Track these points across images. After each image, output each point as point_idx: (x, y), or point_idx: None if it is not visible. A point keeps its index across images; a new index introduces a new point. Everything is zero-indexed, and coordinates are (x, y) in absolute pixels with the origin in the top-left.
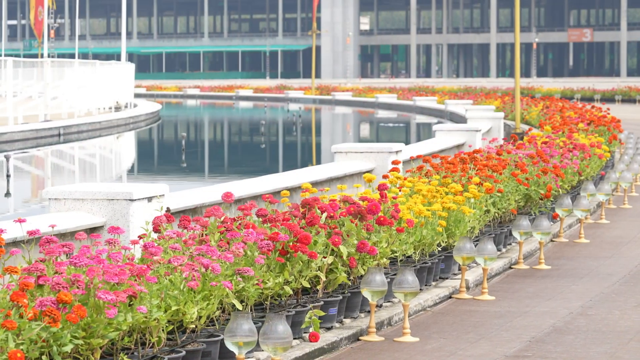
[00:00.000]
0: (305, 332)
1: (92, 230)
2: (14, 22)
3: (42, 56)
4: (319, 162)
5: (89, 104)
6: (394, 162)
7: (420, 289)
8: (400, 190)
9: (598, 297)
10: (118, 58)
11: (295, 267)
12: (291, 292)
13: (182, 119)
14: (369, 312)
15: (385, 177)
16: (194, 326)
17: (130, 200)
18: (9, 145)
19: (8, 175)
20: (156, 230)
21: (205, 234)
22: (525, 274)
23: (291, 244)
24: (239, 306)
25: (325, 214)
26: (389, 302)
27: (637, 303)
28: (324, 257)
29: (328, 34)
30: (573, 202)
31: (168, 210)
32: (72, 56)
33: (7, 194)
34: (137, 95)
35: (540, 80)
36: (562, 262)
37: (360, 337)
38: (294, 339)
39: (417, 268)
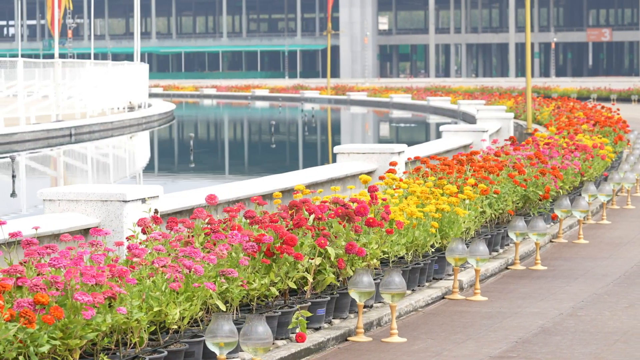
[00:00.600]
0: (292, 333)
1: (86, 232)
2: (33, 22)
3: (64, 56)
4: (330, 162)
5: (102, 104)
6: (391, 164)
7: (413, 290)
8: (395, 192)
9: (590, 298)
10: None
11: (281, 269)
12: (277, 294)
13: (195, 119)
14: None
15: (381, 178)
16: (176, 327)
17: (123, 201)
18: (20, 146)
19: (14, 176)
20: (145, 231)
21: (191, 236)
22: (521, 274)
23: (277, 245)
24: (222, 307)
25: (313, 216)
26: (379, 302)
27: (628, 304)
28: (311, 259)
29: (346, 34)
30: (573, 203)
31: (156, 211)
32: (91, 56)
33: (13, 194)
34: (154, 95)
35: (559, 80)
36: (558, 263)
37: (349, 338)
38: (281, 339)
39: (409, 269)
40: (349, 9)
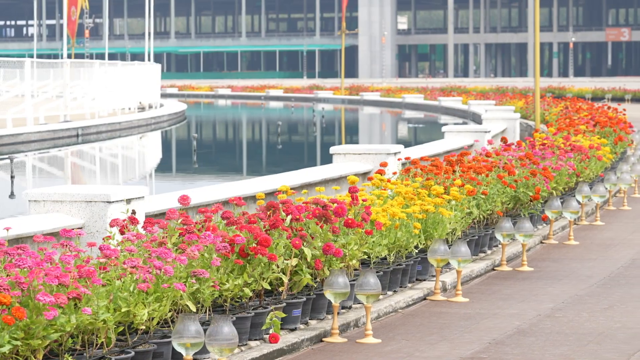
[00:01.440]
0: (266, 334)
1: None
2: (52, 22)
3: (82, 56)
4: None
5: (112, 105)
6: (381, 164)
7: (395, 291)
8: (381, 193)
9: (571, 299)
10: (155, 58)
11: (256, 269)
12: (251, 294)
13: (206, 120)
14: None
15: (370, 179)
16: (144, 327)
17: (107, 202)
18: (26, 146)
19: (12, 177)
20: (122, 232)
21: (164, 237)
22: (506, 275)
23: (252, 246)
24: (192, 308)
25: (290, 217)
26: (359, 303)
27: (607, 305)
28: (287, 260)
29: (365, 34)
30: (564, 204)
31: (134, 212)
32: (110, 56)
33: (12, 195)
34: (169, 95)
35: (577, 80)
36: (546, 264)
37: (324, 339)
38: (255, 340)
39: (390, 270)
40: (368, 8)
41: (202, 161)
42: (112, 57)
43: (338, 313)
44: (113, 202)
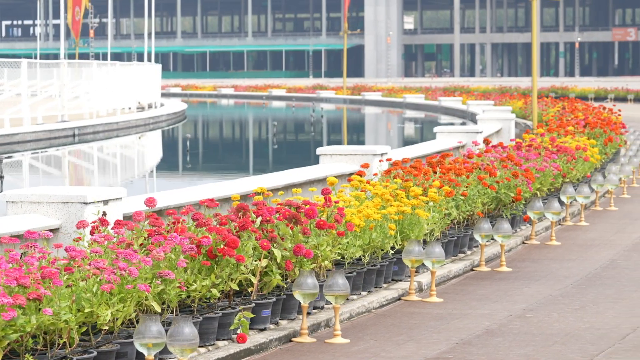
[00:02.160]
0: (235, 334)
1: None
2: (59, 21)
3: (87, 56)
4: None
5: (110, 105)
6: (362, 166)
7: (369, 291)
8: (359, 194)
9: (544, 300)
10: (161, 57)
11: (224, 270)
12: (218, 295)
13: (206, 119)
14: (308, 313)
15: (349, 180)
16: (107, 327)
17: (84, 203)
18: (21, 146)
19: (2, 177)
20: (92, 233)
21: (133, 238)
22: (484, 276)
23: (220, 247)
24: (157, 308)
25: (260, 218)
26: (330, 303)
27: (579, 306)
28: (257, 261)
29: (371, 33)
30: (546, 205)
31: (104, 214)
32: (116, 55)
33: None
34: (172, 95)
35: (582, 79)
36: (524, 265)
37: (293, 339)
38: (223, 340)
39: (364, 270)
40: (374, 8)
41: (195, 161)
42: (118, 56)
43: (309, 313)
44: (89, 203)
